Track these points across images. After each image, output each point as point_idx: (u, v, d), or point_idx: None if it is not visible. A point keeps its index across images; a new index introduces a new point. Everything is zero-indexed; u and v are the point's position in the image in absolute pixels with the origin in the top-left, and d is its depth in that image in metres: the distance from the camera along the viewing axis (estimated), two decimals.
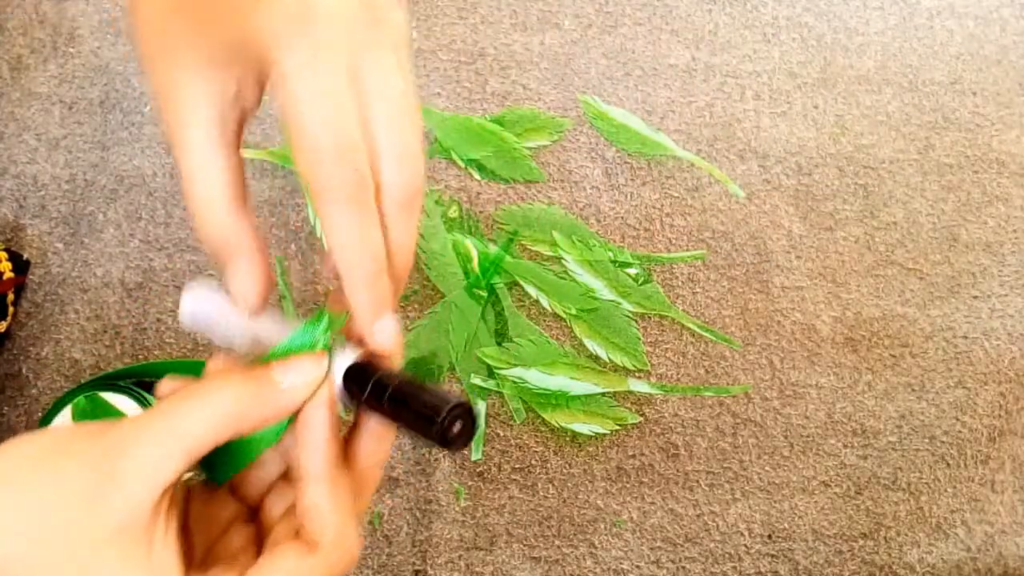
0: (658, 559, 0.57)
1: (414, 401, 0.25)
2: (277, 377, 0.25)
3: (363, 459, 0.28)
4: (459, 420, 0.25)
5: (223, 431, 0.24)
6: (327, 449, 0.26)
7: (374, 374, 0.26)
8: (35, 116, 0.64)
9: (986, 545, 0.60)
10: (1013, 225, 0.69)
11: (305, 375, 0.26)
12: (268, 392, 0.25)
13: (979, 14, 0.77)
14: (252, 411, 0.25)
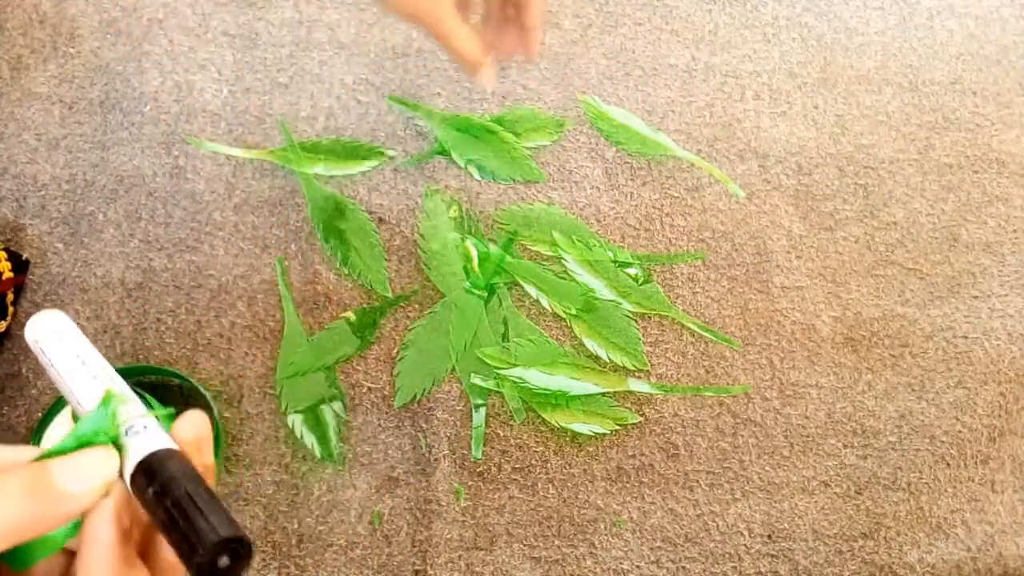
0: (658, 559, 0.57)
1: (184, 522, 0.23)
2: (60, 482, 0.23)
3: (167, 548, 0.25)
4: (227, 555, 0.23)
5: (5, 541, 0.22)
6: (111, 559, 0.24)
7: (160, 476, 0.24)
8: (35, 116, 0.64)
9: (986, 545, 0.60)
10: (1013, 225, 0.69)
11: (91, 478, 0.24)
12: (47, 500, 0.23)
13: (979, 14, 0.77)
14: (35, 521, 0.23)
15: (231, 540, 0.23)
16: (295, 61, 0.68)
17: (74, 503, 0.23)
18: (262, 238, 0.62)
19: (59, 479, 0.23)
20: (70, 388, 0.27)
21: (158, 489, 0.23)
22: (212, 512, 0.23)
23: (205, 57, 0.67)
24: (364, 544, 0.55)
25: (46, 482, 0.23)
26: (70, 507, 0.23)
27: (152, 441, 0.25)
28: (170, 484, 0.23)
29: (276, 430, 0.57)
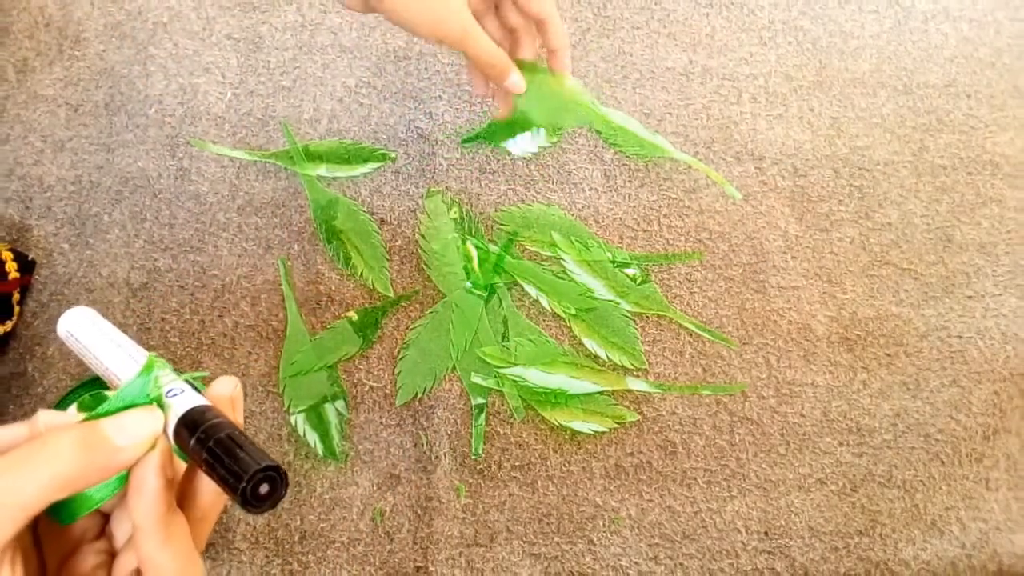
0: (656, 555, 0.58)
1: (227, 458, 0.25)
2: (111, 436, 0.26)
3: (202, 495, 0.28)
4: (266, 483, 0.25)
5: (55, 493, 0.25)
6: (157, 503, 0.26)
7: (200, 425, 0.26)
8: (41, 118, 0.64)
9: (980, 542, 0.61)
10: (1006, 226, 0.70)
11: (139, 432, 0.26)
12: (101, 453, 0.25)
13: (973, 17, 0.77)
14: (87, 472, 0.25)
15: (269, 468, 0.25)
16: (298, 64, 0.68)
17: (124, 456, 0.26)
18: (265, 239, 0.63)
19: (111, 434, 0.26)
20: (107, 367, 0.29)
21: (201, 436, 0.26)
22: (250, 448, 0.26)
23: (209, 60, 0.68)
24: (366, 541, 0.56)
25: (99, 437, 0.25)
26: (120, 460, 0.26)
27: (191, 400, 0.28)
28: (211, 430, 0.26)
29: (279, 428, 0.58)
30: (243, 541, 0.55)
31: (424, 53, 0.70)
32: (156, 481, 0.26)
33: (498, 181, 0.66)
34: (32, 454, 0.25)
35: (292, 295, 0.61)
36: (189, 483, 0.29)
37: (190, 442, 0.26)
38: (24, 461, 0.25)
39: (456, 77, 0.69)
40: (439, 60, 0.70)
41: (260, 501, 0.25)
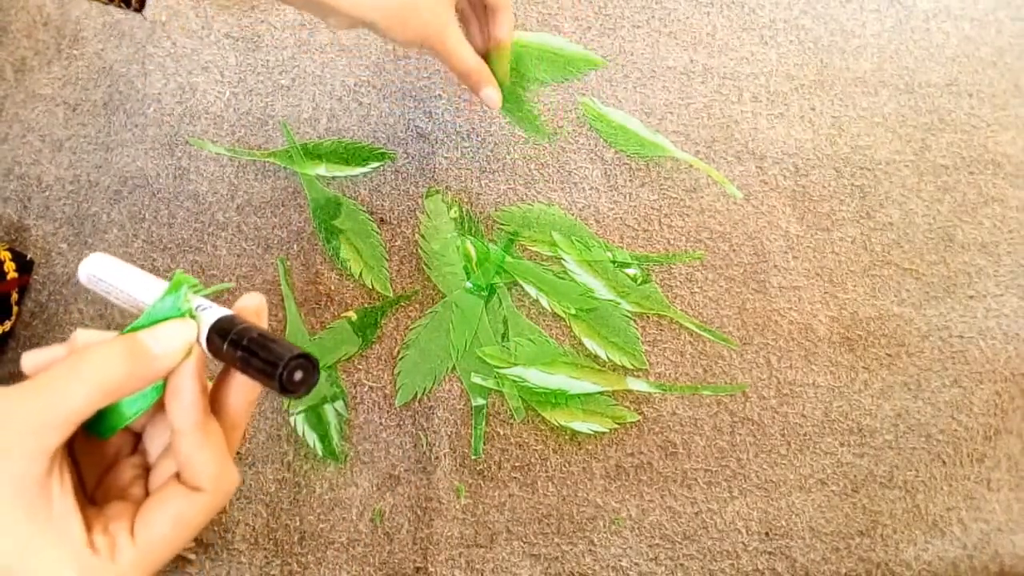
0: (656, 556, 0.58)
1: (261, 352, 0.27)
2: (149, 345, 0.28)
3: (234, 400, 0.30)
4: (300, 370, 0.27)
5: (101, 399, 0.27)
6: (195, 407, 0.28)
7: (232, 329, 0.28)
8: (39, 117, 0.64)
9: (982, 543, 0.61)
10: (1008, 225, 0.70)
11: (174, 341, 0.28)
12: (140, 361, 0.27)
13: (975, 16, 0.77)
14: (128, 379, 0.27)
15: (301, 356, 0.27)
16: (297, 63, 0.68)
17: (162, 363, 0.28)
18: (264, 239, 0.63)
19: (148, 343, 0.28)
20: (135, 297, 0.31)
21: (234, 338, 0.28)
22: (281, 342, 0.28)
23: (208, 59, 0.68)
24: (365, 541, 0.56)
25: (139, 347, 0.28)
26: (159, 367, 0.28)
27: (219, 311, 0.29)
28: (243, 332, 0.28)
29: (278, 428, 0.58)
30: (242, 542, 0.55)
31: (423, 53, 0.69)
32: (193, 385, 0.28)
33: (498, 181, 0.66)
34: (77, 364, 0.27)
35: (291, 295, 0.61)
36: (219, 394, 0.31)
37: (223, 346, 0.28)
38: (70, 370, 0.26)
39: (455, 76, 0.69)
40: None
41: (296, 387, 0.27)
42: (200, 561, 0.54)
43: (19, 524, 0.25)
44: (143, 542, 0.27)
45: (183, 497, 0.28)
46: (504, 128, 0.68)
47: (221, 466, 0.29)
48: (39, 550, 0.26)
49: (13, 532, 0.25)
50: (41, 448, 0.26)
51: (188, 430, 0.28)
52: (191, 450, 0.28)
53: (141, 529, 0.28)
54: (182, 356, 0.28)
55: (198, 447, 0.28)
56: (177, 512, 0.28)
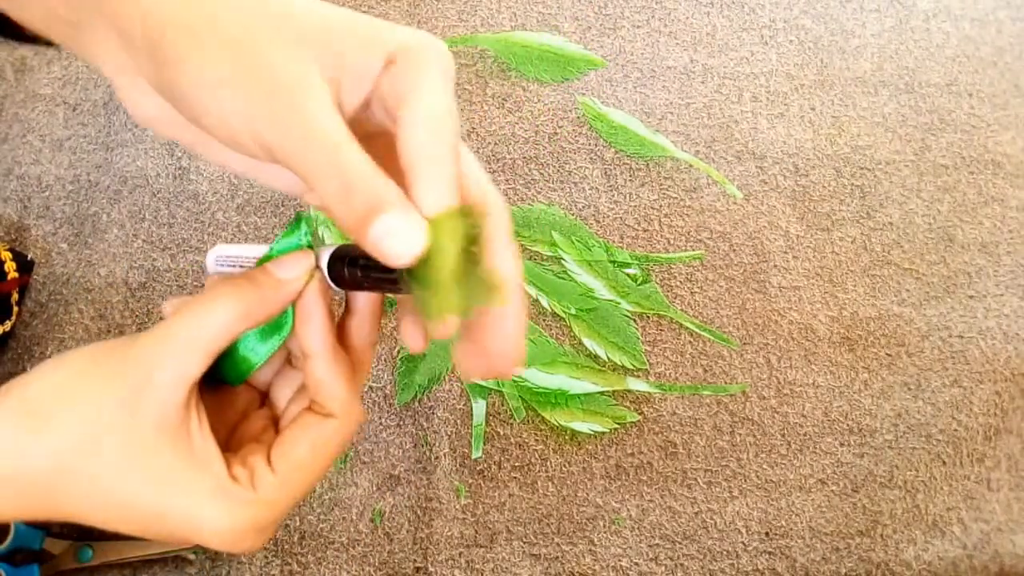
0: (656, 556, 0.58)
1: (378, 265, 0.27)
2: (273, 271, 0.28)
3: (356, 339, 0.31)
4: None
5: (235, 327, 0.27)
6: (324, 330, 0.29)
7: (354, 253, 0.29)
8: (39, 117, 0.64)
9: (982, 543, 0.61)
10: (1008, 225, 0.70)
11: (297, 267, 0.29)
12: (268, 287, 0.28)
13: (975, 16, 0.77)
14: (257, 305, 0.28)
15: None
16: None
17: (288, 288, 0.28)
18: (265, 238, 0.63)
19: (274, 270, 0.28)
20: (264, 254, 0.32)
21: (351, 259, 0.28)
22: None
23: None
24: (365, 542, 0.56)
25: (265, 274, 0.28)
26: (286, 291, 0.28)
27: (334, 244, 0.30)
28: (363, 256, 0.27)
29: None
30: None
31: None
32: (320, 306, 0.29)
33: (498, 181, 0.66)
34: (210, 295, 0.27)
35: None
36: (342, 334, 0.31)
37: (344, 271, 0.29)
38: (204, 302, 0.27)
39: (456, 75, 0.69)
40: None
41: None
42: (200, 561, 0.54)
43: (164, 452, 0.26)
44: (283, 469, 0.28)
45: (317, 424, 0.29)
46: (504, 128, 0.68)
47: (351, 393, 0.29)
48: (183, 478, 0.26)
49: (158, 460, 0.26)
50: (182, 376, 0.26)
51: (320, 352, 0.29)
52: (323, 374, 0.29)
53: (279, 457, 0.28)
54: (306, 280, 0.29)
55: (329, 370, 0.29)
56: (313, 437, 0.29)
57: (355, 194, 0.23)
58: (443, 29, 0.71)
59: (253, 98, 0.23)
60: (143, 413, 0.26)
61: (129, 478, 0.26)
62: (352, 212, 0.23)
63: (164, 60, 0.24)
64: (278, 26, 0.24)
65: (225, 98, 0.24)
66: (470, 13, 0.71)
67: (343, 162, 0.23)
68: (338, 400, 0.29)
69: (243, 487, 0.27)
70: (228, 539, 0.27)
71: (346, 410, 0.29)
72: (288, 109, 0.23)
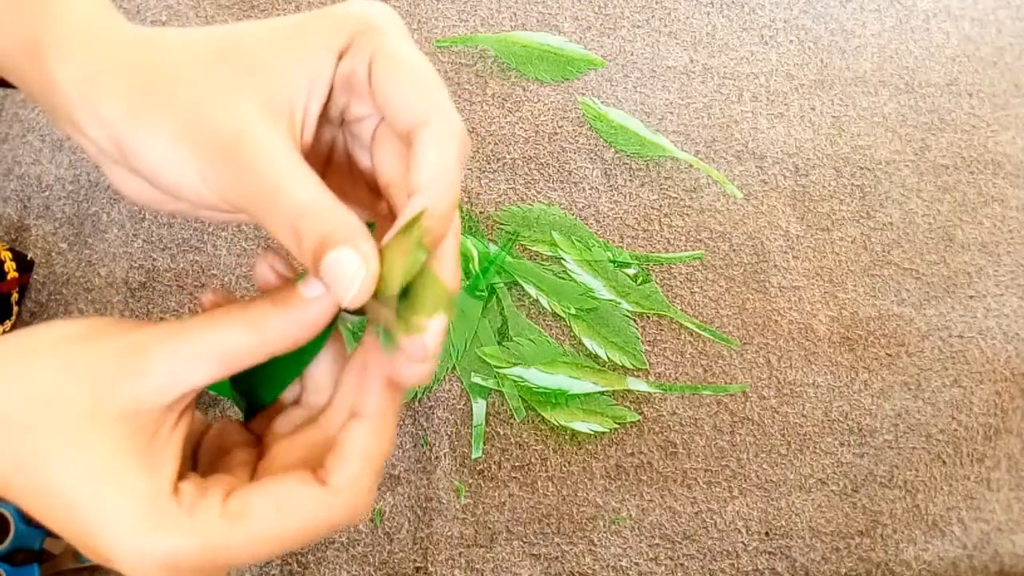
0: (656, 556, 0.58)
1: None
2: (303, 291, 0.24)
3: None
4: None
5: (260, 351, 0.24)
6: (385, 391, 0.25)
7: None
8: (39, 117, 0.64)
9: (982, 543, 0.61)
10: (1008, 225, 0.70)
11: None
12: (297, 307, 0.24)
13: (975, 16, 0.77)
14: (287, 329, 0.24)
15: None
16: None
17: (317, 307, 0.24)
18: (264, 238, 0.63)
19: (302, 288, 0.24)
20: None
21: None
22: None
23: None
24: (366, 541, 0.56)
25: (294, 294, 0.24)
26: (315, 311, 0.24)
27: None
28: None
29: None
30: None
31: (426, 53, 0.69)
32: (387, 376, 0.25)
33: (498, 181, 0.66)
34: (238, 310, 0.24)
35: None
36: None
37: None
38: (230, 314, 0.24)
39: (456, 75, 0.69)
40: (438, 59, 0.70)
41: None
42: None
43: (104, 441, 0.22)
44: (233, 512, 0.23)
45: (299, 482, 0.24)
46: (504, 128, 0.68)
47: (364, 474, 0.24)
48: (116, 474, 0.22)
49: (100, 444, 0.22)
50: (181, 379, 0.23)
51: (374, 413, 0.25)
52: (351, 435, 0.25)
53: (236, 499, 0.23)
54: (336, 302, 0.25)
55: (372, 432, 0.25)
56: (283, 493, 0.24)
57: (305, 235, 0.23)
58: (443, 29, 0.71)
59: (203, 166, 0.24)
60: (116, 393, 0.23)
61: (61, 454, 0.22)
62: (303, 254, 0.24)
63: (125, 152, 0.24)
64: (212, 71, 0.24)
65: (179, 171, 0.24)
66: (470, 13, 0.71)
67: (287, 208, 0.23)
68: (348, 471, 0.24)
69: (178, 507, 0.23)
70: (130, 563, 0.22)
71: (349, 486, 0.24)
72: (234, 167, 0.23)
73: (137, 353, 0.23)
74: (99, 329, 0.24)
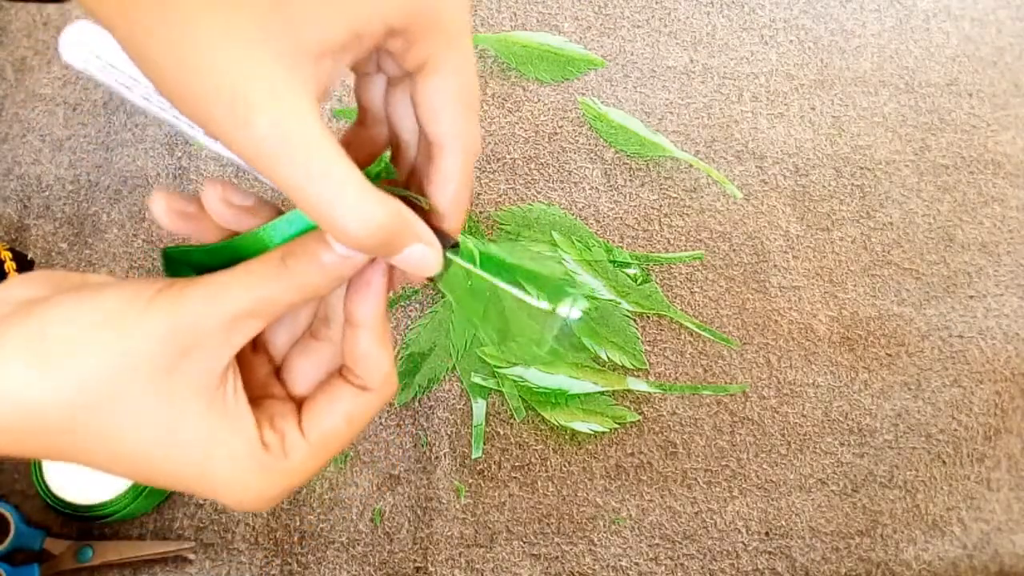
0: (656, 556, 0.58)
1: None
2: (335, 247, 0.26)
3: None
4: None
5: (294, 302, 0.26)
6: (381, 299, 0.28)
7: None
8: (39, 117, 0.64)
9: (982, 543, 0.61)
10: (1008, 225, 0.70)
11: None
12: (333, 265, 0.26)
13: (975, 16, 0.77)
14: (320, 280, 0.26)
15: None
16: None
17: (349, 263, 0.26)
18: None
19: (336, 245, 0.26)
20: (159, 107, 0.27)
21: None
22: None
23: None
24: (365, 541, 0.56)
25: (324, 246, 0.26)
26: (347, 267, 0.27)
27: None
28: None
29: None
30: (242, 542, 0.55)
31: None
32: (381, 273, 0.27)
33: (498, 181, 0.66)
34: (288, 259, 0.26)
35: None
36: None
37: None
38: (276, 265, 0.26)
39: None
40: None
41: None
42: (200, 561, 0.54)
43: (200, 418, 0.25)
44: (315, 438, 0.27)
45: (353, 396, 0.28)
46: (504, 128, 0.68)
47: (392, 367, 0.29)
48: (218, 445, 0.25)
49: (195, 427, 0.25)
50: (229, 345, 0.25)
51: (371, 323, 0.28)
52: (368, 346, 0.28)
53: (311, 426, 0.27)
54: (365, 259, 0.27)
55: (376, 342, 0.28)
56: (348, 409, 0.28)
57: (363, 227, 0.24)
58: None
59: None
60: (184, 372, 0.24)
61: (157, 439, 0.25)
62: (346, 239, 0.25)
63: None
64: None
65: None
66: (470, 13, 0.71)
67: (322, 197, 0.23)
68: (380, 374, 0.28)
69: (275, 454, 0.26)
70: (254, 503, 0.26)
71: (385, 383, 0.28)
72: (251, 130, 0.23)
73: (186, 333, 0.24)
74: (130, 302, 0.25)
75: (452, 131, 0.27)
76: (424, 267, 0.27)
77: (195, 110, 0.22)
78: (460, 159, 0.28)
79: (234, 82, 0.21)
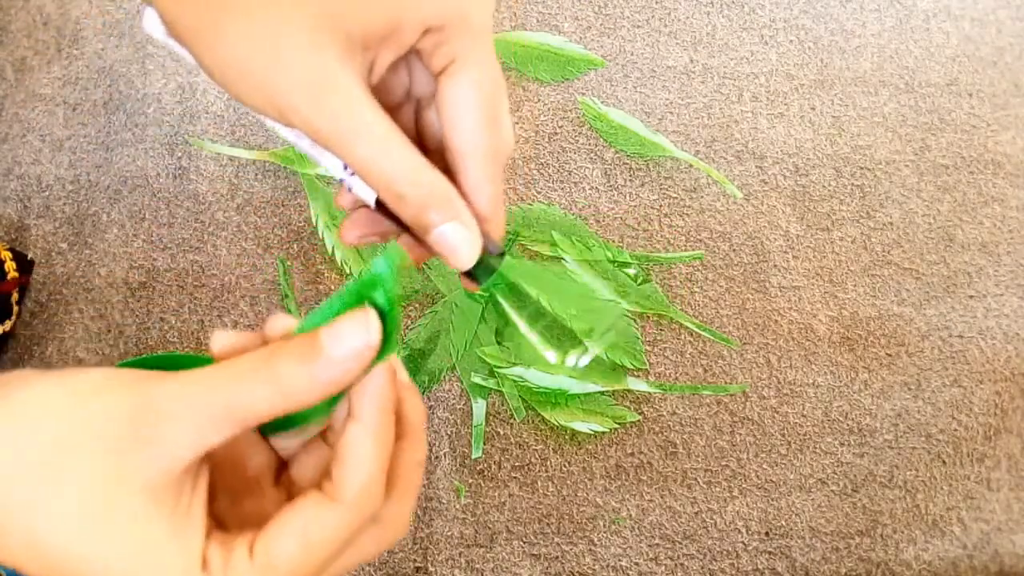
0: (656, 556, 0.58)
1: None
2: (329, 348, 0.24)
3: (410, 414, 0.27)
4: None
5: (277, 408, 0.23)
6: (383, 394, 0.25)
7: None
8: (39, 117, 0.64)
9: (982, 543, 0.61)
10: (1008, 225, 0.70)
11: (356, 340, 0.24)
12: (325, 366, 0.23)
13: (975, 16, 0.77)
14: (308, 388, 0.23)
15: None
16: None
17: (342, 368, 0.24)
18: (264, 238, 0.63)
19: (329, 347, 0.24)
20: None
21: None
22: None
23: None
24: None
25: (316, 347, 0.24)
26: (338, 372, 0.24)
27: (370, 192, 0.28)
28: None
29: None
30: None
31: None
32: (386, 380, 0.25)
33: None
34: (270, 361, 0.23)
35: (291, 295, 0.61)
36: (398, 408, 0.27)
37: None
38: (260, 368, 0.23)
39: None
40: None
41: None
42: None
43: (140, 518, 0.22)
44: (262, 562, 0.23)
45: (314, 507, 0.23)
46: None
47: (373, 479, 0.24)
48: (148, 552, 0.22)
49: (129, 526, 0.22)
50: (197, 443, 0.22)
51: (367, 419, 0.24)
52: (354, 444, 0.24)
53: (261, 547, 0.23)
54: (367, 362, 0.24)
55: (365, 442, 0.24)
56: (303, 527, 0.23)
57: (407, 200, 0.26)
58: None
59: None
60: (136, 461, 0.22)
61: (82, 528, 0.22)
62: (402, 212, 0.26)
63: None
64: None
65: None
66: None
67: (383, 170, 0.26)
68: (355, 483, 0.23)
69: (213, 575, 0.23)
70: None
71: (357, 497, 0.23)
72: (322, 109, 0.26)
73: (151, 418, 0.22)
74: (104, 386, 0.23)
75: (475, 137, 0.27)
76: (459, 249, 0.26)
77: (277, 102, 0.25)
78: (488, 163, 0.28)
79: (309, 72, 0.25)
